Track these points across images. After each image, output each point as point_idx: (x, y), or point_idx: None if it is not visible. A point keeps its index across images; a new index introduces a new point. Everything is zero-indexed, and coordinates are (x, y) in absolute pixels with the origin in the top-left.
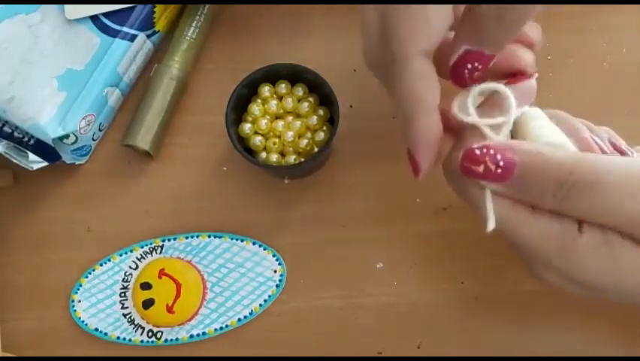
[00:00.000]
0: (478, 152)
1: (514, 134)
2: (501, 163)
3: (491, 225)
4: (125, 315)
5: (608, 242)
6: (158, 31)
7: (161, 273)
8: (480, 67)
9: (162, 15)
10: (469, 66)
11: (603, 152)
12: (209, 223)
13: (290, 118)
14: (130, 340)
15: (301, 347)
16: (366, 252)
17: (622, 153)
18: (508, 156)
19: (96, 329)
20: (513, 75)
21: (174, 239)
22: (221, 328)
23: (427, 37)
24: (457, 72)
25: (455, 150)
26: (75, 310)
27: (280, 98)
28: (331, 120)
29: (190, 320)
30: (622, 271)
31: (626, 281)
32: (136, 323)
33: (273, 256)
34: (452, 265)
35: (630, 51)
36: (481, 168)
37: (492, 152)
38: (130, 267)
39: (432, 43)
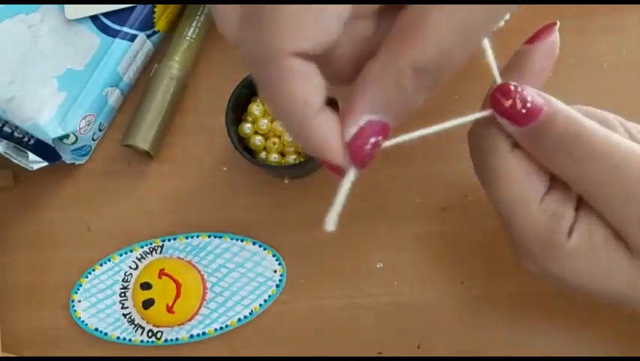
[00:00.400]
0: (512, 87)
1: None
2: (529, 105)
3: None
4: (125, 315)
5: (596, 246)
6: (158, 31)
7: (161, 273)
8: (381, 141)
9: (162, 15)
10: (372, 140)
11: None
12: (209, 223)
13: None
14: (130, 340)
15: (301, 347)
16: (366, 252)
17: None
18: (538, 102)
19: (96, 329)
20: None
21: (174, 239)
22: (221, 328)
23: (309, 34)
24: (357, 149)
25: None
26: (75, 310)
27: None
28: None
29: (190, 320)
30: (608, 276)
31: (613, 286)
32: (136, 323)
33: (273, 256)
34: (452, 265)
35: (630, 51)
36: (508, 103)
37: (524, 93)
38: (130, 267)
39: (319, 41)
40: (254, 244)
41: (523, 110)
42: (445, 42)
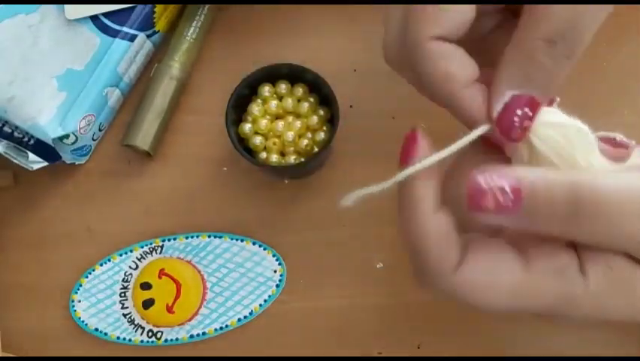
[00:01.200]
0: (482, 184)
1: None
2: (511, 195)
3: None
4: (125, 315)
5: (619, 276)
6: (158, 31)
7: (161, 273)
8: (532, 114)
9: (162, 15)
10: (519, 113)
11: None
12: (209, 223)
13: (290, 118)
14: (130, 340)
15: (301, 347)
16: (366, 252)
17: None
18: (513, 184)
19: (96, 329)
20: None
21: (174, 239)
22: (221, 328)
23: (442, 23)
24: (505, 123)
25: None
26: (75, 310)
27: (280, 98)
28: (331, 120)
29: (190, 320)
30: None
31: None
32: (136, 323)
33: (273, 256)
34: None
35: (630, 51)
36: (490, 202)
37: (496, 181)
38: (130, 267)
39: (450, 29)
40: (254, 244)
41: (510, 203)
42: (569, 11)
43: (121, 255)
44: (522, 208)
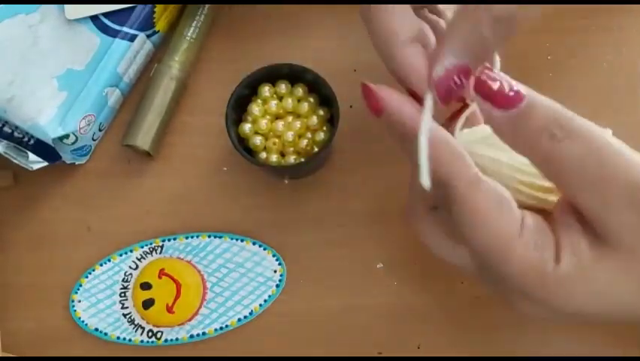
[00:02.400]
0: (493, 73)
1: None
2: (515, 88)
3: (425, 180)
4: (125, 315)
5: (587, 263)
6: (158, 31)
7: (161, 273)
8: (463, 83)
9: (162, 15)
10: (456, 80)
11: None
12: (209, 223)
13: (290, 118)
14: (130, 340)
15: (301, 347)
16: (366, 252)
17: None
18: (521, 88)
19: (96, 329)
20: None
21: (174, 239)
22: (221, 328)
23: None
24: (442, 85)
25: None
26: (75, 310)
27: (280, 98)
28: (331, 120)
29: (190, 320)
30: (611, 286)
31: (623, 297)
32: (136, 323)
33: (273, 256)
34: (452, 265)
35: (630, 51)
36: (496, 85)
37: (506, 78)
38: (130, 267)
39: None
40: (254, 244)
41: (511, 93)
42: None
43: (121, 255)
44: (521, 107)
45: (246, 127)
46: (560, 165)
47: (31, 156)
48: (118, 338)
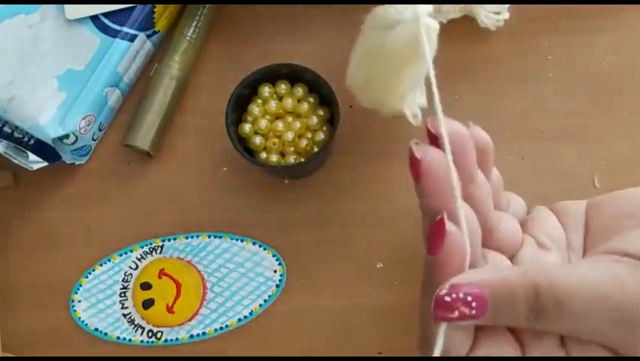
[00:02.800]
0: (446, 298)
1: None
2: (473, 304)
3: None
4: (125, 315)
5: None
6: (158, 31)
7: (161, 273)
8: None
9: (162, 15)
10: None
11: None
12: (209, 223)
13: (290, 118)
14: (130, 340)
15: (301, 347)
16: (366, 252)
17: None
18: (475, 291)
19: (96, 329)
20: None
21: (174, 239)
22: (221, 328)
23: None
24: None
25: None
26: (75, 310)
27: (280, 98)
28: (331, 120)
29: (190, 320)
30: None
31: None
32: (136, 323)
33: (273, 256)
34: None
35: (630, 51)
36: (455, 315)
37: (461, 295)
38: (130, 267)
39: None
40: (254, 244)
41: (473, 312)
42: None
43: (121, 255)
44: (487, 312)
45: (246, 127)
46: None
47: (31, 156)
48: (118, 338)
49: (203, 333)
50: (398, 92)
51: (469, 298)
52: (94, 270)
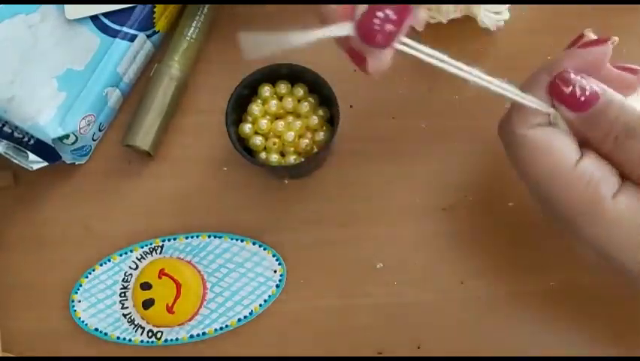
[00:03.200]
0: (572, 75)
1: None
2: (587, 93)
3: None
4: (125, 315)
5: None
6: (158, 31)
7: (161, 273)
8: (396, 17)
9: (162, 15)
10: (380, 15)
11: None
12: (209, 223)
13: (290, 118)
14: (130, 340)
15: (301, 347)
16: (366, 252)
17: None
18: (595, 90)
19: (96, 329)
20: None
21: (174, 239)
22: (221, 328)
23: None
24: (365, 24)
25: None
26: (75, 310)
27: (280, 98)
28: (331, 120)
29: (190, 320)
30: None
31: None
32: (136, 323)
33: (273, 256)
34: (452, 265)
35: (630, 51)
36: (568, 90)
37: (583, 81)
38: (130, 267)
39: None
40: (254, 244)
41: (582, 98)
42: None
43: (121, 255)
44: (591, 112)
45: (246, 127)
46: (624, 161)
47: (31, 156)
48: (118, 338)
49: (203, 333)
50: None
51: (587, 87)
52: (94, 270)
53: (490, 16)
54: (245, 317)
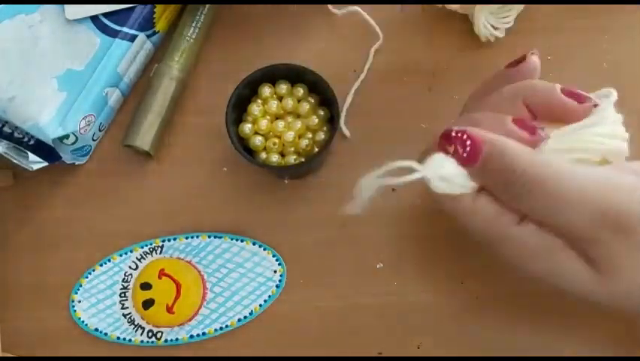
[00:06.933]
0: (453, 133)
1: None
2: (468, 149)
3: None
4: (125, 315)
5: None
6: (158, 31)
7: (161, 273)
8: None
9: (162, 15)
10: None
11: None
12: (209, 223)
13: (290, 118)
14: (130, 340)
15: (301, 347)
16: (366, 252)
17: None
18: (478, 142)
19: (96, 329)
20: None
21: (174, 239)
22: (221, 328)
23: None
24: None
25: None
26: (75, 311)
27: (280, 98)
28: (331, 121)
29: (190, 320)
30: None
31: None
32: (136, 323)
33: (273, 256)
34: (452, 265)
35: (630, 51)
36: (451, 149)
37: (464, 137)
38: (130, 267)
39: None
40: (254, 244)
41: (464, 155)
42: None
43: (121, 255)
44: (478, 166)
45: (246, 127)
46: (522, 210)
47: (31, 156)
48: (118, 338)
49: (203, 333)
50: None
51: (468, 143)
52: (94, 270)
53: (488, 27)
54: (245, 317)
